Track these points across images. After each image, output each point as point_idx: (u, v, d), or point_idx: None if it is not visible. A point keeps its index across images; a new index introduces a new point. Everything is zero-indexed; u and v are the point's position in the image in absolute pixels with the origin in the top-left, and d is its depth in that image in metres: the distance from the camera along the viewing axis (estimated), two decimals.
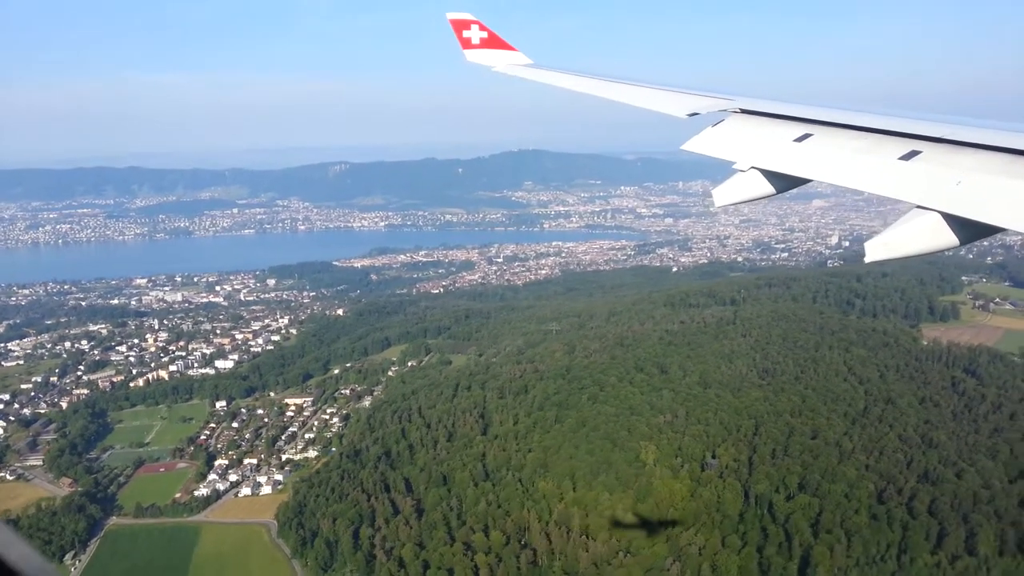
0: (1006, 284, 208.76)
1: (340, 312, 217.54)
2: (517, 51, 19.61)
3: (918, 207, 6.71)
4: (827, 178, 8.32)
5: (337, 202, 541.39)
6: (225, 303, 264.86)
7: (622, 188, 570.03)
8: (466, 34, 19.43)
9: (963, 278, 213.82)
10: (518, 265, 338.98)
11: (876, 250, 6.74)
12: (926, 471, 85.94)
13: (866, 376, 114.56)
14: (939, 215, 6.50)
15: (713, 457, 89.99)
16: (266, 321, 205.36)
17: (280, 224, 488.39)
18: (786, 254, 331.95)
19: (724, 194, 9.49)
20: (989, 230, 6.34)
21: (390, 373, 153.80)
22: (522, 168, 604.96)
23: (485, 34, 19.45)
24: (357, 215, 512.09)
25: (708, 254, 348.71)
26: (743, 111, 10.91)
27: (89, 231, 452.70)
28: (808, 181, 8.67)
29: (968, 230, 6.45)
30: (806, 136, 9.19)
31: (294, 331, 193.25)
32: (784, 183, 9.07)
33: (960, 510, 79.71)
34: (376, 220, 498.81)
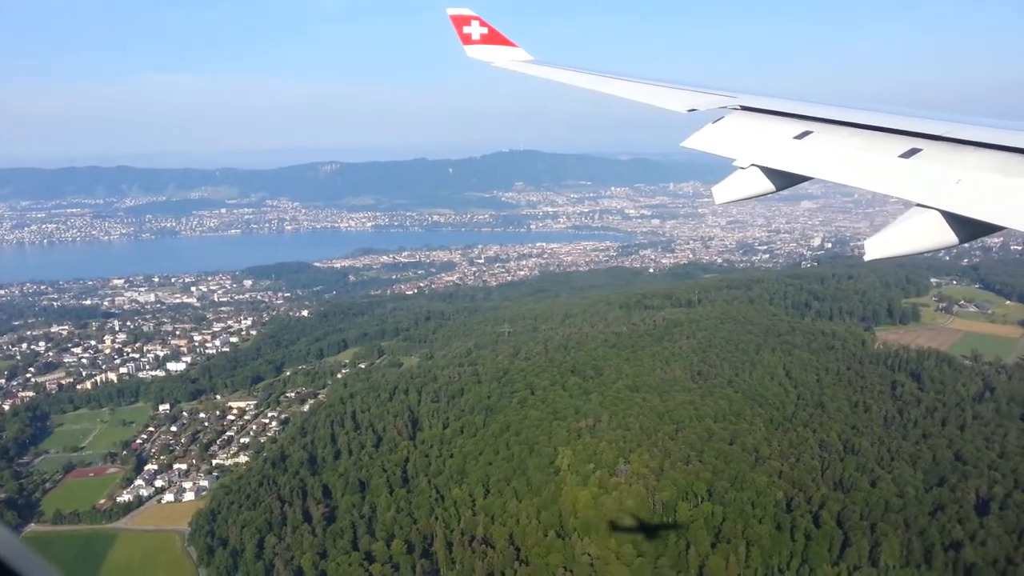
0: (976, 286, 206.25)
1: (305, 313, 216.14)
2: (517, 47, 19.68)
3: (918, 205, 6.64)
4: (827, 176, 8.24)
5: (327, 202, 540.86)
6: (197, 304, 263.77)
7: (612, 189, 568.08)
8: (466, 30, 19.48)
9: (932, 280, 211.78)
10: (498, 267, 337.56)
11: (876, 248, 6.65)
12: (841, 479, 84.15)
13: (802, 379, 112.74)
14: (939, 213, 6.42)
15: (626, 463, 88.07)
16: (229, 323, 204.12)
17: (267, 224, 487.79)
18: (767, 256, 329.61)
19: (724, 191, 9.41)
20: (989, 228, 6.29)
21: (339, 376, 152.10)
22: (513, 169, 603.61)
23: (485, 30, 19.53)
24: (345, 215, 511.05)
25: (690, 255, 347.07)
26: (743, 108, 10.80)
27: (75, 231, 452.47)
28: (809, 179, 8.63)
29: (968, 228, 6.40)
30: (806, 133, 9.12)
31: (255, 332, 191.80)
32: (784, 180, 9.01)
33: (869, 519, 77.91)
34: (363, 220, 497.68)
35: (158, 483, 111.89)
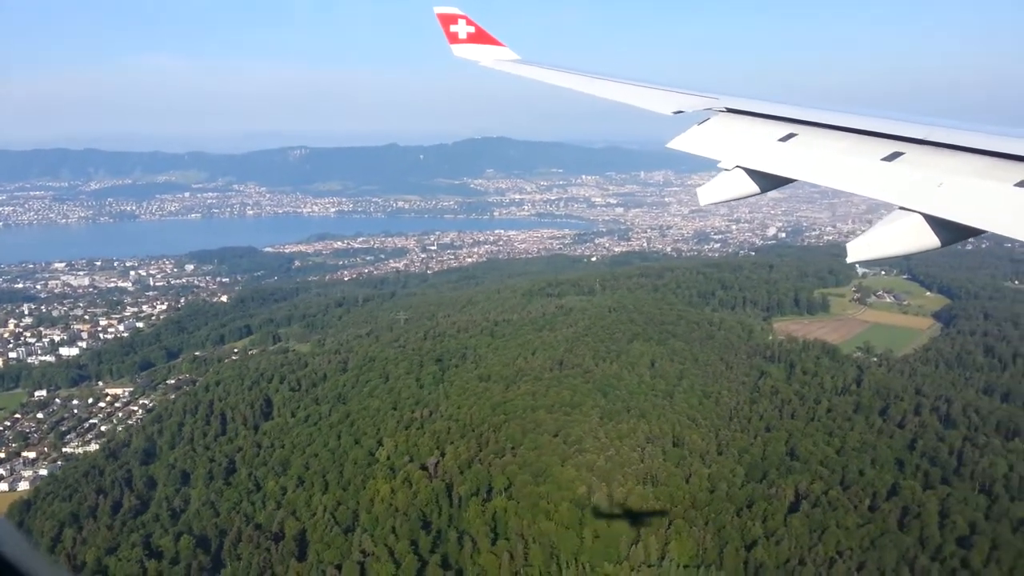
0: (904, 277, 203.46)
1: (224, 299, 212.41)
2: (504, 46, 19.59)
3: (900, 208, 6.72)
4: (811, 178, 8.31)
5: (294, 187, 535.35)
6: (131, 288, 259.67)
7: (583, 177, 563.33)
8: (453, 28, 19.35)
9: (860, 270, 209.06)
10: (449, 253, 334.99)
11: (858, 250, 6.74)
12: (649, 472, 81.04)
13: (664, 370, 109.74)
14: (921, 216, 6.52)
15: (443, 455, 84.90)
16: (143, 307, 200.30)
17: (229, 209, 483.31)
18: (719, 244, 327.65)
19: (709, 193, 9.48)
20: (970, 232, 6.37)
21: (226, 362, 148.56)
22: (485, 155, 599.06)
23: (472, 29, 19.41)
24: (310, 200, 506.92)
25: (645, 244, 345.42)
26: (728, 110, 10.87)
27: (32, 214, 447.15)
28: (792, 181, 8.63)
29: (949, 232, 6.48)
30: (791, 136, 9.19)
31: (164, 318, 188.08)
32: (768, 182, 9.05)
33: (670, 515, 74.93)
34: (327, 206, 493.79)
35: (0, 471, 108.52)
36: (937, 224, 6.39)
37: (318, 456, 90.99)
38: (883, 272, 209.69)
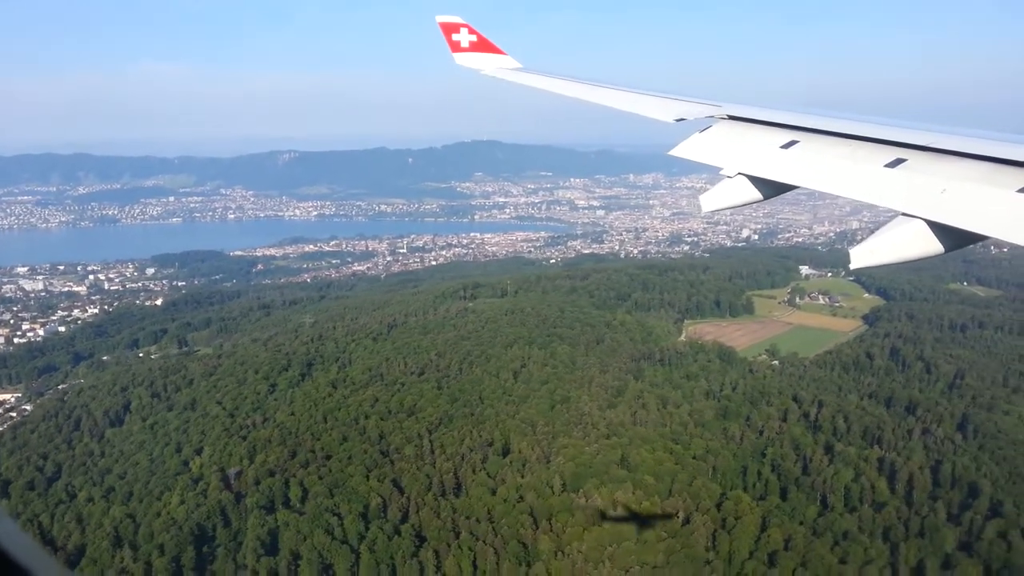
0: (849, 279, 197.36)
1: (159, 302, 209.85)
2: (506, 55, 19.59)
3: (903, 215, 6.74)
4: (813, 185, 8.33)
5: (281, 191, 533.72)
6: (84, 293, 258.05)
7: (572, 180, 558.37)
8: (455, 37, 19.27)
9: (805, 272, 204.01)
10: (416, 256, 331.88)
11: (862, 257, 6.71)
12: (459, 483, 76.67)
13: (529, 374, 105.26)
14: (924, 223, 6.52)
15: (251, 463, 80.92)
16: (73, 311, 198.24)
17: (211, 213, 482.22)
18: (687, 247, 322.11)
19: (711, 200, 9.43)
20: (973, 238, 6.38)
21: (112, 368, 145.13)
22: (474, 159, 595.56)
23: (475, 37, 19.34)
24: (294, 204, 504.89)
25: (616, 247, 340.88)
26: (730, 117, 10.83)
27: (13, 219, 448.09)
28: (795, 188, 8.73)
29: (952, 238, 6.48)
30: (793, 143, 9.10)
31: (91, 321, 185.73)
32: (771, 189, 9.02)
33: (455, 528, 70.45)
34: (309, 210, 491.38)
35: None
36: (940, 230, 6.38)
37: (138, 465, 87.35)
38: (830, 274, 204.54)
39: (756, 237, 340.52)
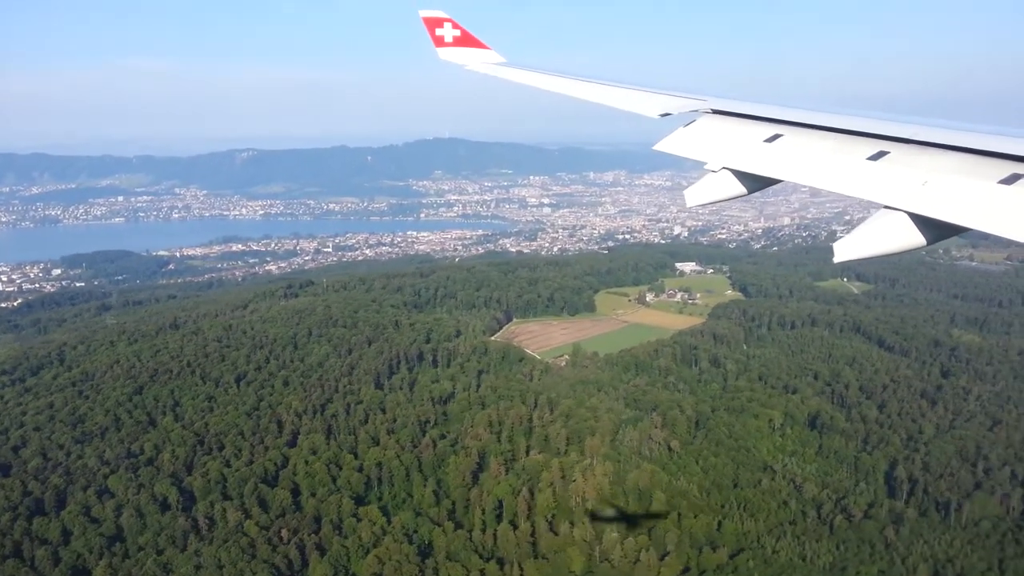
0: (726, 276, 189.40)
1: (16, 303, 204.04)
2: (490, 49, 19.35)
3: (885, 207, 6.71)
4: (797, 178, 8.14)
5: (235, 190, 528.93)
6: None
7: (531, 178, 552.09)
8: (439, 32, 18.95)
9: (681, 267, 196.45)
10: (338, 255, 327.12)
11: (844, 250, 6.63)
12: None
13: (253, 378, 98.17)
14: (906, 215, 6.50)
15: None
16: None
17: (155, 213, 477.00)
18: (614, 244, 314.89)
19: (696, 195, 9.22)
20: (954, 229, 6.38)
21: None
22: (435, 157, 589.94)
23: (458, 32, 19.07)
24: (244, 203, 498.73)
25: (548, 244, 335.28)
26: (715, 111, 10.68)
27: None
28: (779, 181, 8.49)
29: (934, 230, 6.48)
30: (776, 137, 8.97)
31: None
32: (755, 183, 8.88)
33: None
34: (257, 209, 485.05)
35: None
36: (922, 222, 6.37)
37: None
38: (711, 271, 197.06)
39: (686, 233, 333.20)
